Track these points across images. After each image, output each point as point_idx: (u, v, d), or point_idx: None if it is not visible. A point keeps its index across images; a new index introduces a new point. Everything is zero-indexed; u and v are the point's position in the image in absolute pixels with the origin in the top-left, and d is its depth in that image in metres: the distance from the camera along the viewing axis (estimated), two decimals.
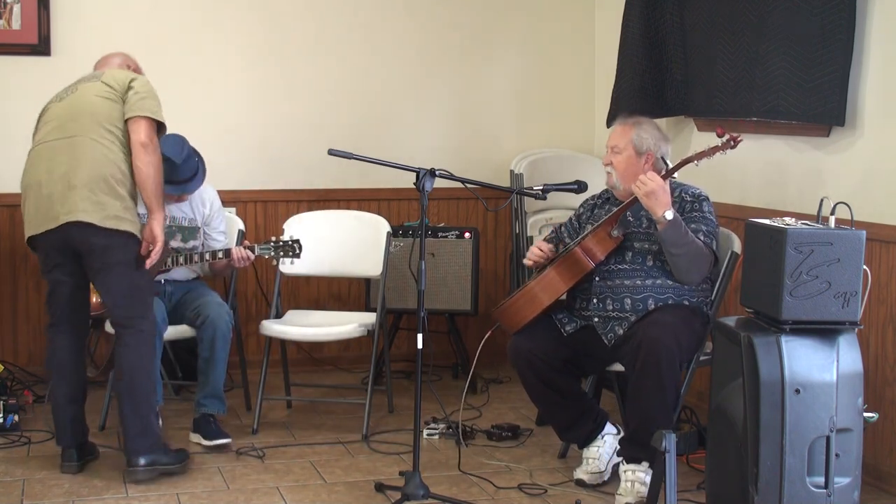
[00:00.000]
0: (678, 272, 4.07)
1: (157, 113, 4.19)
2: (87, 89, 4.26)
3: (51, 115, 4.32)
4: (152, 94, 4.24)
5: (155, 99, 4.23)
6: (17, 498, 4.08)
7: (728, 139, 4.04)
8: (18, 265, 5.55)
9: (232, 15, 5.70)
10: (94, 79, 4.30)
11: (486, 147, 6.09)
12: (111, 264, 4.17)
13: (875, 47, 4.22)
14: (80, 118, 4.20)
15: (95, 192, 4.11)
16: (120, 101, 4.20)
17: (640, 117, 4.33)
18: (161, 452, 4.25)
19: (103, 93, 4.22)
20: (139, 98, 4.18)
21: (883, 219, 4.14)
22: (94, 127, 4.17)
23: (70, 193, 4.12)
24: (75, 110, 4.23)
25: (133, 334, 4.22)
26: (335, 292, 5.97)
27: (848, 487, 3.22)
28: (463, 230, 5.53)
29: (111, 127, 4.18)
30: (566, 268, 4.15)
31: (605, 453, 4.24)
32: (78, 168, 4.13)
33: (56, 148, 4.21)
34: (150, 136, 4.15)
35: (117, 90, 4.22)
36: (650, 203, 3.97)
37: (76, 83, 4.35)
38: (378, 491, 4.15)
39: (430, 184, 4.02)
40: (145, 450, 4.20)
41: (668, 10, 5.20)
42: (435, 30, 6.01)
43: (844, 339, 3.26)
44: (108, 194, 4.13)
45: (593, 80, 6.22)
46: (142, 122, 4.15)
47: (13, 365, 5.40)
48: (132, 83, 4.22)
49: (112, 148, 4.16)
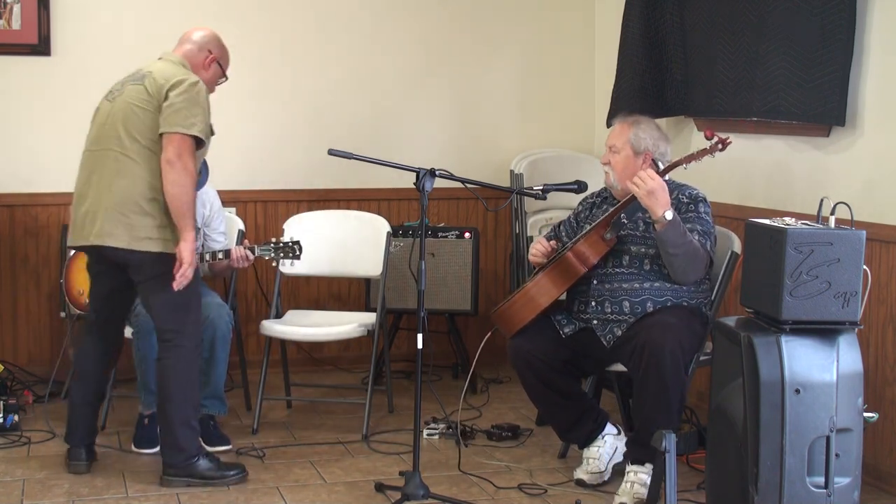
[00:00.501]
0: (674, 272, 4.07)
1: (190, 127, 4.00)
2: (130, 93, 4.13)
3: (99, 116, 4.23)
4: (190, 103, 4.03)
5: (193, 108, 4.03)
6: (17, 498, 4.08)
7: (716, 141, 4.02)
8: (18, 265, 5.55)
9: (232, 15, 5.70)
10: (141, 79, 4.15)
11: (486, 147, 6.09)
12: (145, 280, 4.14)
13: (875, 47, 4.22)
14: (116, 127, 4.10)
15: (125, 213, 4.05)
16: (156, 112, 4.06)
17: (640, 116, 4.32)
18: (190, 466, 4.16)
19: (141, 101, 4.09)
20: (172, 111, 4.02)
21: (883, 219, 4.14)
22: (128, 140, 4.07)
23: (101, 214, 4.07)
24: (114, 118, 4.13)
25: (168, 348, 4.18)
26: (335, 292, 5.97)
27: (848, 487, 3.22)
28: (463, 230, 5.53)
29: (145, 140, 4.07)
30: (559, 273, 4.15)
31: (606, 453, 4.24)
32: (109, 187, 4.07)
33: (95, 159, 4.16)
34: (177, 153, 3.98)
35: (155, 98, 4.07)
36: (650, 202, 3.96)
37: (128, 78, 4.22)
38: (378, 491, 4.15)
39: (430, 184, 4.02)
40: (173, 462, 4.18)
41: (668, 10, 5.20)
42: (435, 30, 6.01)
43: (844, 339, 3.25)
44: (139, 213, 4.05)
45: (593, 81, 6.22)
46: (172, 139, 4.00)
47: (13, 365, 5.40)
48: (169, 92, 4.04)
49: (143, 164, 4.06)
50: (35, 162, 5.51)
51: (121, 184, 4.06)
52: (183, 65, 4.22)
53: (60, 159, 5.51)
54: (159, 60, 4.26)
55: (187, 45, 4.31)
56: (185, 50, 4.30)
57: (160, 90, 4.07)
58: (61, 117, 5.52)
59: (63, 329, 5.32)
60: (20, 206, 5.52)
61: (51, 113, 5.51)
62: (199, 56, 4.30)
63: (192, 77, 4.13)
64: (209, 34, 4.38)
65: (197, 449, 4.22)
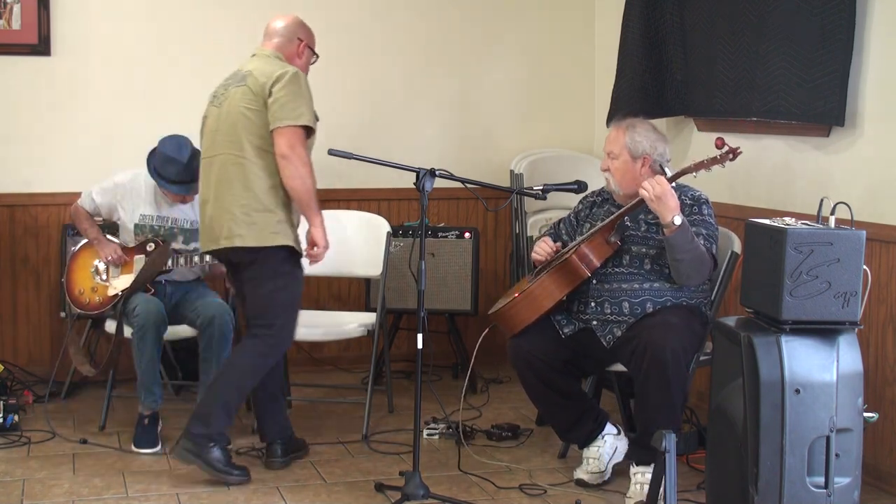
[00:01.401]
0: (679, 276, 4.06)
1: (298, 118, 4.11)
2: (235, 97, 4.21)
3: (209, 123, 4.31)
4: (294, 94, 4.13)
5: (297, 100, 4.13)
6: (17, 498, 4.08)
7: (727, 151, 3.98)
8: (18, 265, 5.55)
9: (232, 14, 5.70)
10: (242, 81, 4.22)
11: (486, 147, 6.09)
12: (258, 274, 4.23)
13: (875, 47, 4.22)
14: (229, 132, 4.19)
15: (249, 213, 4.16)
16: (263, 110, 4.15)
17: (635, 119, 4.28)
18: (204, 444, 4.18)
19: (248, 102, 4.17)
20: (278, 106, 4.12)
21: (883, 219, 4.14)
22: (244, 143, 4.15)
23: (226, 218, 4.18)
24: (225, 123, 4.21)
25: (249, 336, 4.28)
26: (335, 292, 5.97)
27: (848, 487, 3.22)
28: (463, 230, 5.53)
29: (259, 140, 4.16)
30: (562, 275, 4.15)
31: (606, 453, 4.24)
32: (230, 191, 4.17)
33: (213, 164, 4.24)
34: (290, 145, 4.09)
35: (259, 97, 4.15)
36: (659, 208, 3.94)
37: (230, 81, 4.29)
38: (378, 491, 4.15)
39: (430, 184, 4.02)
40: (194, 434, 4.18)
41: (668, 10, 5.20)
42: (435, 30, 6.01)
43: (844, 339, 3.25)
44: (262, 211, 4.16)
45: (593, 81, 6.22)
46: (282, 133, 4.10)
47: (13, 365, 5.40)
48: (273, 88, 4.13)
49: (261, 164, 4.16)
50: (35, 162, 5.51)
51: (242, 186, 4.17)
52: (278, 58, 4.30)
53: (60, 159, 5.53)
54: (254, 58, 4.34)
55: (276, 39, 4.37)
56: (275, 43, 4.35)
57: (263, 88, 4.15)
58: (61, 117, 5.52)
59: (63, 329, 5.32)
60: (20, 206, 5.51)
61: (51, 113, 5.51)
62: (290, 46, 4.37)
63: (290, 68, 4.21)
64: (293, 21, 4.43)
65: (220, 435, 4.24)
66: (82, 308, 4.87)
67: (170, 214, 4.86)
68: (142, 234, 4.83)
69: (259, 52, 4.35)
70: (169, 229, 4.85)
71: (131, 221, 4.84)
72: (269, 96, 4.13)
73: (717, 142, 4.02)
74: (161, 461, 4.48)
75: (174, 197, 4.81)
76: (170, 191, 4.77)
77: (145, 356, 4.61)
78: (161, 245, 4.79)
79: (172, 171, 4.72)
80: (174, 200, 4.83)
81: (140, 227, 4.84)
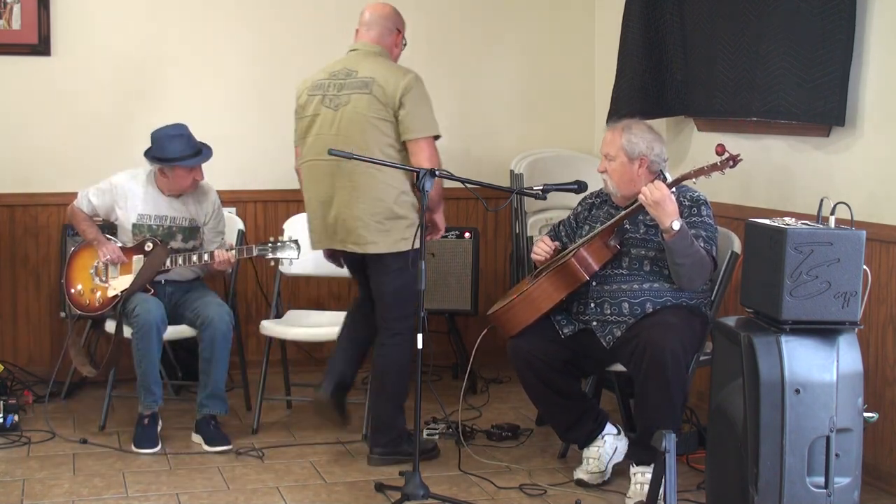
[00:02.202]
0: (679, 280, 4.06)
1: (433, 129, 4.23)
2: (360, 105, 4.23)
3: (322, 125, 4.31)
4: (422, 103, 4.23)
5: (425, 108, 4.24)
6: (17, 498, 4.08)
7: (727, 157, 3.97)
8: (18, 265, 5.55)
9: (232, 14, 5.70)
10: (366, 89, 4.24)
11: (486, 147, 6.09)
12: (387, 276, 4.32)
13: (875, 47, 4.22)
14: (356, 139, 4.21)
15: (381, 221, 4.24)
16: (393, 118, 4.21)
17: (630, 120, 4.27)
18: (397, 444, 4.38)
19: (376, 111, 4.20)
20: (412, 118, 4.19)
21: (883, 219, 4.14)
22: (373, 153, 4.18)
23: (357, 225, 4.25)
24: (349, 130, 4.24)
25: (388, 336, 4.37)
26: (335, 292, 5.97)
27: (848, 487, 3.22)
28: (463, 230, 5.53)
29: (390, 149, 4.22)
30: (561, 278, 4.14)
31: (606, 453, 4.24)
32: (361, 198, 4.23)
33: (336, 171, 4.26)
34: (428, 157, 4.18)
35: (389, 107, 4.20)
36: (657, 213, 3.93)
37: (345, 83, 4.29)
38: (378, 491, 4.15)
39: (430, 184, 4.02)
40: (382, 444, 4.39)
41: (668, 10, 5.20)
42: (435, 30, 6.00)
43: (844, 339, 3.25)
44: (393, 218, 4.25)
45: (593, 81, 6.22)
46: (420, 145, 4.19)
47: (13, 365, 5.40)
48: (403, 99, 4.19)
49: (392, 171, 4.22)
50: (35, 162, 5.51)
51: (374, 196, 4.23)
52: (384, 55, 4.35)
53: (60, 159, 5.53)
54: (357, 53, 4.36)
55: (376, 30, 4.40)
56: (374, 36, 4.38)
57: (392, 99, 4.21)
58: (61, 117, 5.52)
59: (63, 329, 5.32)
60: (20, 206, 5.52)
61: (51, 113, 5.51)
62: (389, 38, 4.43)
63: (411, 74, 4.29)
64: (389, 11, 4.47)
65: (403, 429, 4.41)
66: (82, 309, 4.87)
67: (168, 213, 4.85)
68: (140, 233, 4.83)
69: (361, 48, 4.37)
70: (167, 228, 4.85)
71: (129, 221, 4.84)
72: (399, 107, 4.19)
73: (717, 148, 4.01)
74: (161, 461, 4.48)
75: (185, 175, 4.75)
76: (183, 166, 4.71)
77: (145, 356, 4.61)
78: (159, 245, 4.78)
79: (177, 148, 4.68)
80: (184, 183, 4.78)
81: (138, 227, 4.83)
